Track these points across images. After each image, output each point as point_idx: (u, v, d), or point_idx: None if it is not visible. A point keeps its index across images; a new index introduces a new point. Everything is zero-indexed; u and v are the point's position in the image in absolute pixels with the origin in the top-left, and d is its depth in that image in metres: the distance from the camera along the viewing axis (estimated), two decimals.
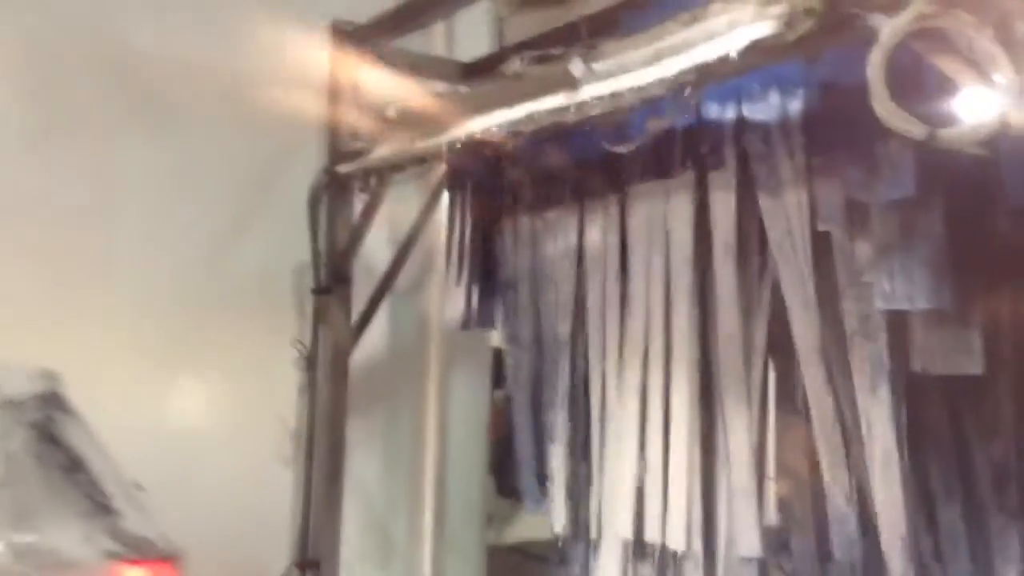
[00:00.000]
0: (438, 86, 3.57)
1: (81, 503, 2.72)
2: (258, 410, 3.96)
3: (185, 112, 3.84)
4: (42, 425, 2.85)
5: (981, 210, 2.28)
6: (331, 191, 3.90)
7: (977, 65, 1.87)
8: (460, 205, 3.93)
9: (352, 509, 4.05)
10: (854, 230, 2.47)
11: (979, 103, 1.86)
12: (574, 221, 3.40)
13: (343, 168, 3.80)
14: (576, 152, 3.33)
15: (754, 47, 2.19)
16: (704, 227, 2.89)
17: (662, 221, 3.02)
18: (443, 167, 3.83)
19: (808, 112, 2.57)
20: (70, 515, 2.67)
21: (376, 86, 3.80)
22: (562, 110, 2.71)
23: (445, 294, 4.31)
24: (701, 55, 2.34)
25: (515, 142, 3.02)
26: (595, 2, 3.04)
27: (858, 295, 2.46)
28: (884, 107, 1.93)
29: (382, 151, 3.61)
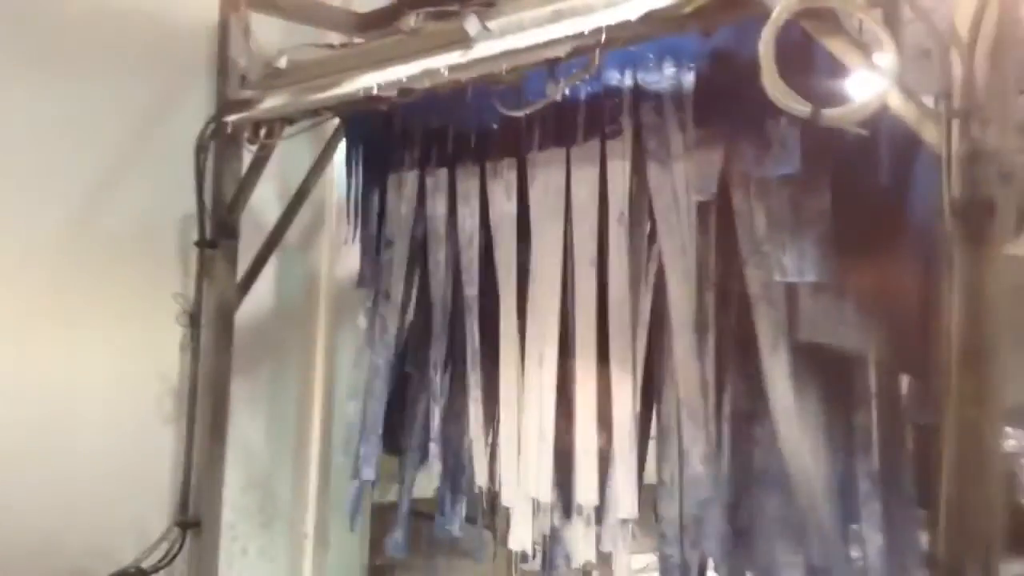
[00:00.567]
0: (332, 37, 3.46)
1: None
2: (137, 366, 3.81)
3: (65, 54, 3.60)
4: None
5: (862, 187, 2.34)
6: (218, 141, 3.76)
7: (864, 46, 1.91)
8: (355, 160, 3.85)
9: (235, 469, 3.98)
10: (753, 203, 2.50)
11: (863, 84, 1.90)
12: (470, 183, 3.37)
13: (231, 118, 3.66)
14: (473, 112, 3.29)
15: (650, 16, 2.19)
16: (601, 197, 2.90)
17: (563, 190, 3.02)
18: (336, 121, 3.72)
19: (701, 85, 2.59)
20: None
21: (267, 34, 3.66)
22: (456, 68, 2.67)
23: (336, 251, 4.24)
24: (600, 20, 2.33)
25: (410, 98, 2.95)
26: None
27: (759, 263, 2.52)
28: (773, 84, 1.96)
29: (273, 102, 3.49)
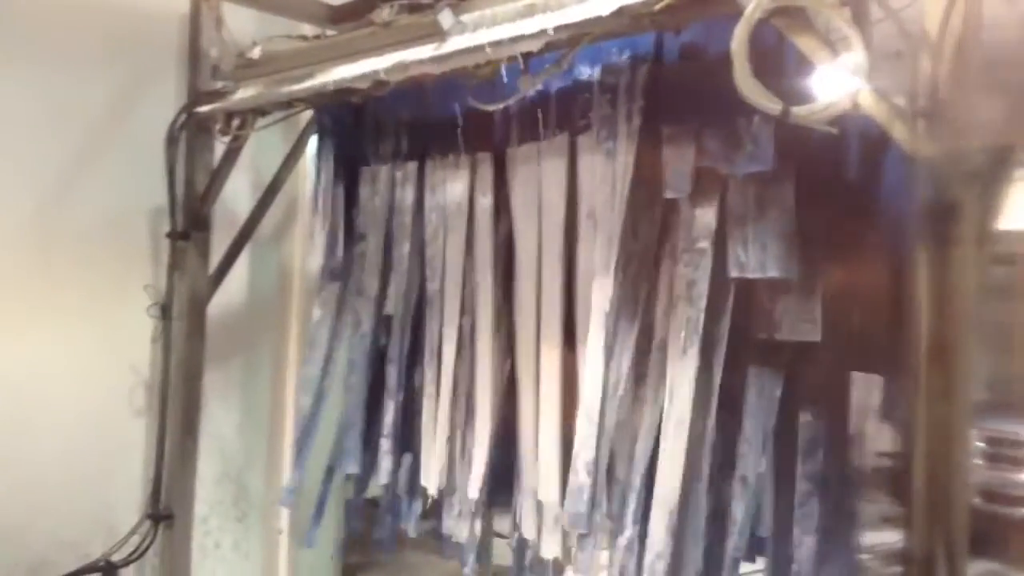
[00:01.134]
0: (305, 28, 3.43)
1: None
2: (108, 358, 3.78)
3: (33, 44, 3.55)
4: None
5: (828, 185, 2.35)
6: (190, 132, 3.73)
7: (832, 45, 1.91)
8: (326, 152, 3.82)
9: (208, 462, 3.97)
10: (700, 198, 2.50)
11: (832, 82, 1.90)
12: (439, 176, 3.34)
13: (203, 108, 3.63)
14: (447, 106, 3.27)
15: (622, 11, 2.19)
16: (572, 192, 2.89)
17: (536, 184, 3.00)
18: (309, 113, 3.69)
19: (667, 80, 2.58)
20: None
21: (240, 25, 3.62)
22: (429, 61, 2.66)
23: (309, 244, 4.21)
24: (572, 15, 2.33)
25: (383, 91, 2.93)
26: None
27: (689, 260, 2.51)
28: (745, 81, 1.96)
29: (245, 93, 3.46)
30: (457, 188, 3.24)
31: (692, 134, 2.46)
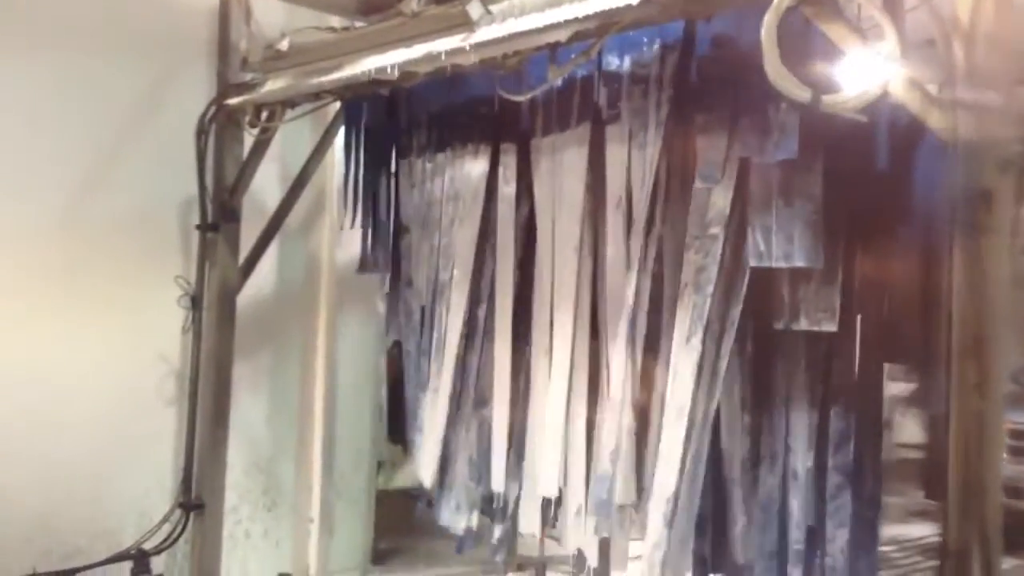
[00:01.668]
0: (334, 20, 3.44)
1: None
2: (139, 348, 3.82)
3: (65, 37, 3.59)
4: None
5: (855, 174, 2.32)
6: (219, 124, 3.75)
7: (863, 33, 1.89)
8: (355, 145, 3.84)
9: (238, 451, 3.99)
10: (723, 187, 2.49)
11: (862, 70, 1.89)
12: (470, 167, 3.35)
13: (232, 101, 3.65)
14: (476, 96, 3.27)
15: (651, 3, 2.18)
16: (600, 182, 2.88)
17: (559, 174, 3.00)
18: (337, 105, 3.71)
19: (699, 69, 2.57)
20: None
21: (269, 17, 3.64)
22: (459, 51, 2.66)
23: (337, 235, 4.23)
24: (601, 3, 2.32)
25: (412, 82, 2.94)
26: None
27: (699, 247, 2.50)
28: (775, 69, 1.95)
29: (274, 85, 3.48)
30: (483, 178, 3.26)
31: (724, 123, 2.44)
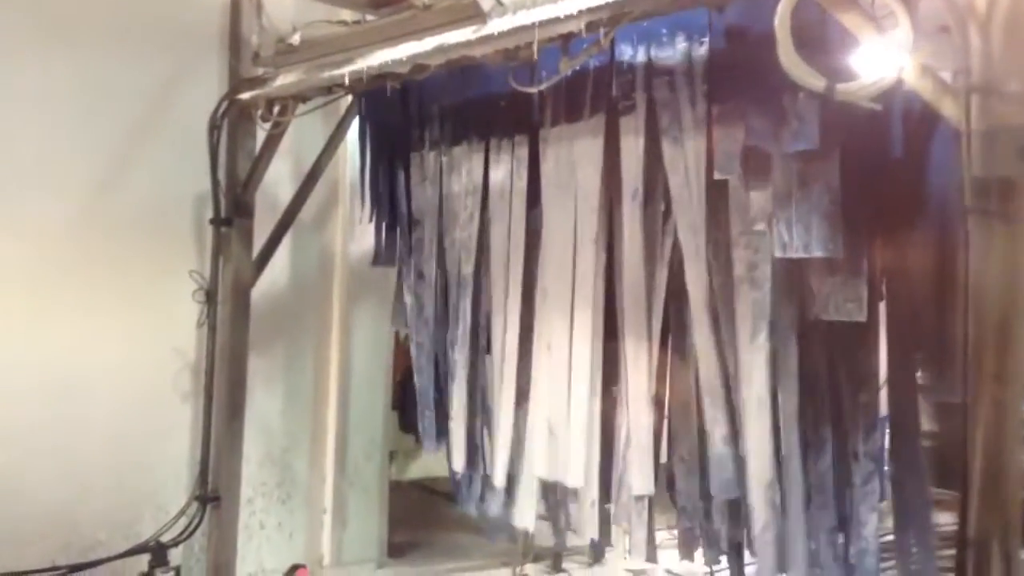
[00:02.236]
0: (345, 14, 3.44)
1: None
2: (154, 342, 3.84)
3: (76, 33, 3.61)
4: None
5: (872, 163, 2.32)
6: (232, 118, 3.76)
7: (877, 21, 1.88)
8: (369, 138, 3.84)
9: (253, 444, 4.02)
10: (751, 179, 2.49)
11: (877, 58, 1.87)
12: (482, 159, 3.35)
13: (244, 95, 3.66)
14: (487, 89, 3.27)
15: None
16: (614, 173, 2.88)
17: (571, 165, 3.00)
18: (350, 98, 3.71)
19: (713, 60, 2.57)
20: None
21: (280, 11, 3.64)
22: (470, 44, 2.65)
23: (350, 229, 4.24)
24: None
25: (423, 74, 2.94)
26: None
27: (748, 243, 2.51)
28: (789, 58, 1.94)
29: (286, 80, 3.48)
30: (499, 172, 3.26)
31: (739, 114, 2.44)
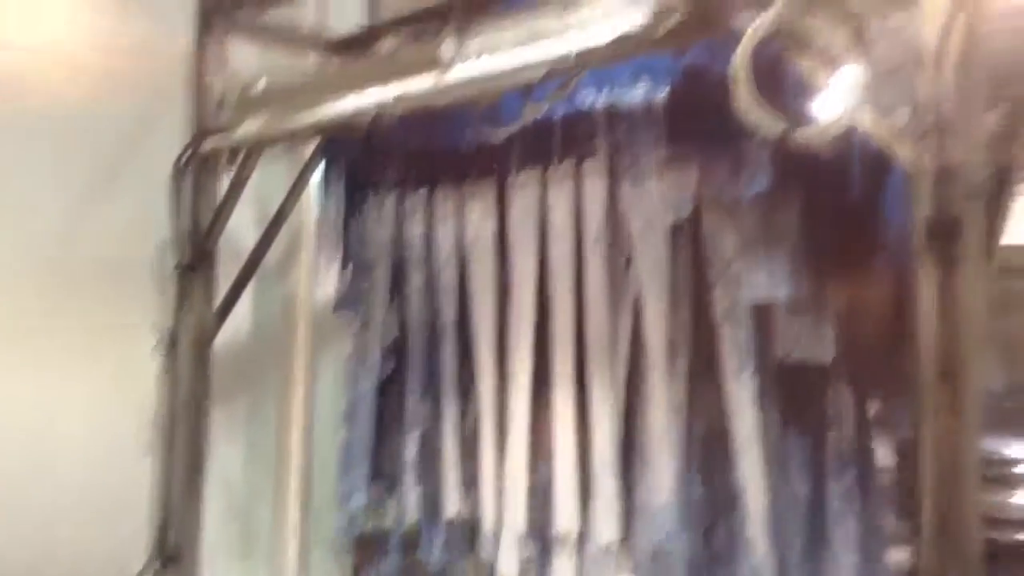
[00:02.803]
0: (309, 60, 3.46)
1: None
2: (114, 396, 3.77)
3: (38, 78, 3.60)
4: None
5: (832, 206, 2.35)
6: (195, 166, 3.74)
7: (833, 64, 1.92)
8: (334, 181, 3.83)
9: (214, 500, 3.92)
10: (722, 222, 2.52)
11: (832, 102, 1.91)
12: (447, 206, 3.35)
13: (208, 143, 3.65)
14: (453, 136, 3.28)
15: (623, 39, 2.21)
16: (579, 218, 2.90)
17: (540, 212, 3.01)
18: (313, 145, 3.71)
19: (674, 103, 2.60)
20: None
21: (244, 59, 3.65)
22: (432, 91, 2.67)
23: (315, 275, 4.21)
24: (575, 42, 2.34)
25: (387, 122, 2.95)
26: None
27: (726, 283, 2.52)
28: (745, 103, 1.96)
29: (249, 128, 3.48)
30: (465, 218, 3.26)
31: (695, 156, 2.47)
